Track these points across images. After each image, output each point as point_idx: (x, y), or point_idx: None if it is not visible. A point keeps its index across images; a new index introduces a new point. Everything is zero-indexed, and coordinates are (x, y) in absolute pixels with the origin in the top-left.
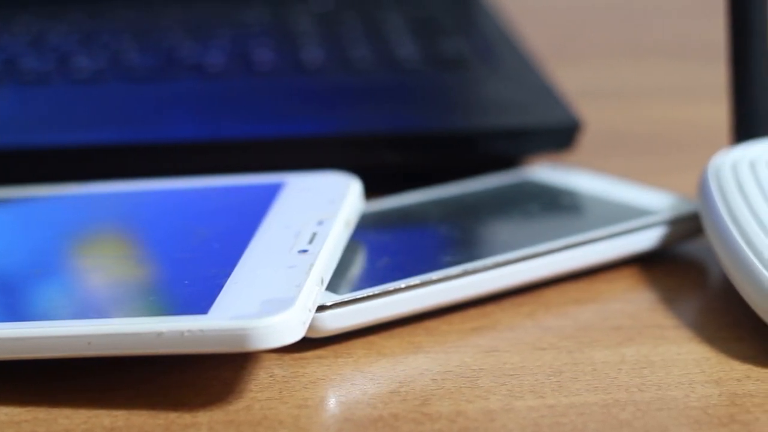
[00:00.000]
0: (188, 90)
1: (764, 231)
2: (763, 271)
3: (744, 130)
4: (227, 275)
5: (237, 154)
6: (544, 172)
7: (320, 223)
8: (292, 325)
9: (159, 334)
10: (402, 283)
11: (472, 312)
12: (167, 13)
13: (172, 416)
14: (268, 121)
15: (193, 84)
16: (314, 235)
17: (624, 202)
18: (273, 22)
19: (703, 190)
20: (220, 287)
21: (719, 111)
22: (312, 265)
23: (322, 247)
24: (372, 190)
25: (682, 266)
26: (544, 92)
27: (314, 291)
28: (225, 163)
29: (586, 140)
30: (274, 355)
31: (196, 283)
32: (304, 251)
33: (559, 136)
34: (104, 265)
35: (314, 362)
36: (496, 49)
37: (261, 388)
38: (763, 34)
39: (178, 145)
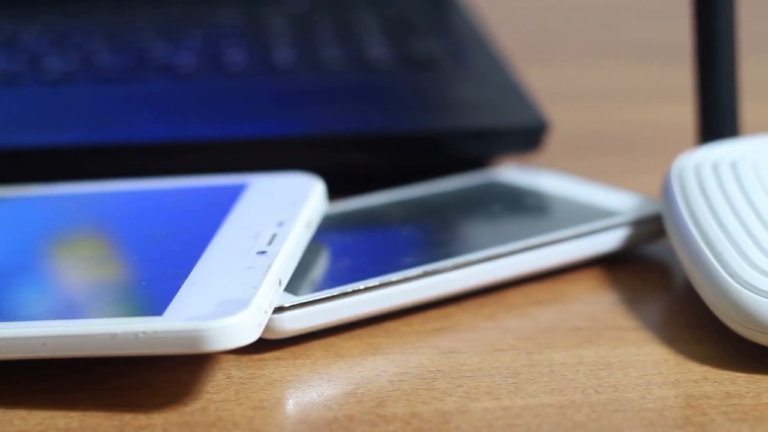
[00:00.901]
0: (158, 91)
1: (725, 233)
2: (722, 273)
3: (709, 131)
4: (185, 277)
5: (204, 155)
6: (510, 173)
7: (280, 224)
8: (247, 327)
9: (113, 336)
10: (361, 285)
11: (433, 313)
12: (141, 14)
13: (127, 417)
14: (235, 122)
15: (163, 85)
16: (274, 236)
17: (589, 203)
18: (246, 23)
19: (665, 191)
20: (177, 289)
21: (689, 112)
22: (270, 266)
23: (280, 248)
24: (341, 191)
25: (646, 267)
26: (513, 93)
27: (271, 292)
28: (192, 164)
29: (556, 141)
30: (232, 357)
31: (153, 285)
32: (263, 252)
33: (527, 137)
34: (63, 267)
35: (272, 364)
36: (468, 49)
37: (217, 389)
38: (730, 35)
39: (146, 146)
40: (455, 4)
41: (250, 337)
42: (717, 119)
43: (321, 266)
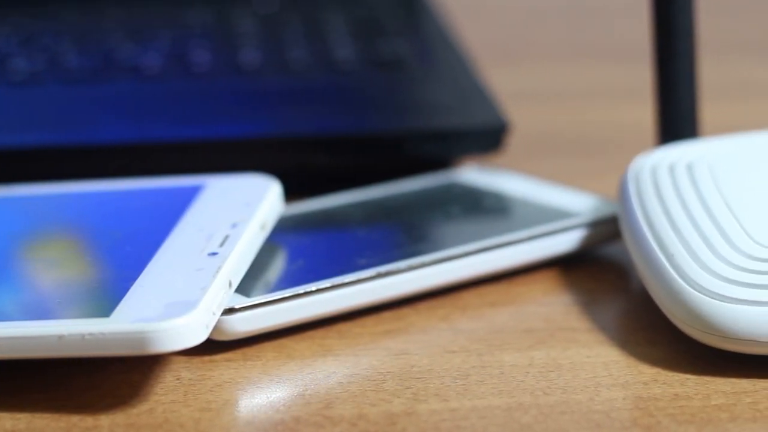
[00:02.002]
0: (123, 92)
1: (677, 235)
2: (674, 274)
3: (668, 132)
4: (135, 278)
5: (165, 156)
6: (470, 174)
7: (234, 225)
8: (194, 328)
9: (60, 338)
10: (313, 286)
11: (387, 315)
12: (110, 15)
13: (75, 419)
14: (198, 123)
15: (129, 86)
16: (226, 237)
17: (547, 204)
18: (215, 23)
19: (621, 193)
20: (126, 290)
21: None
22: (220, 268)
23: (232, 250)
24: (304, 192)
25: (603, 269)
26: (476, 94)
27: (220, 294)
28: (154, 165)
29: (520, 142)
30: (182, 358)
31: (103, 287)
32: (214, 254)
33: (487, 137)
34: (14, 268)
35: (222, 365)
36: (435, 51)
37: (166, 390)
38: (689, 36)
39: (109, 147)
40: (426, 6)
41: (198, 339)
42: (676, 120)
43: (276, 267)
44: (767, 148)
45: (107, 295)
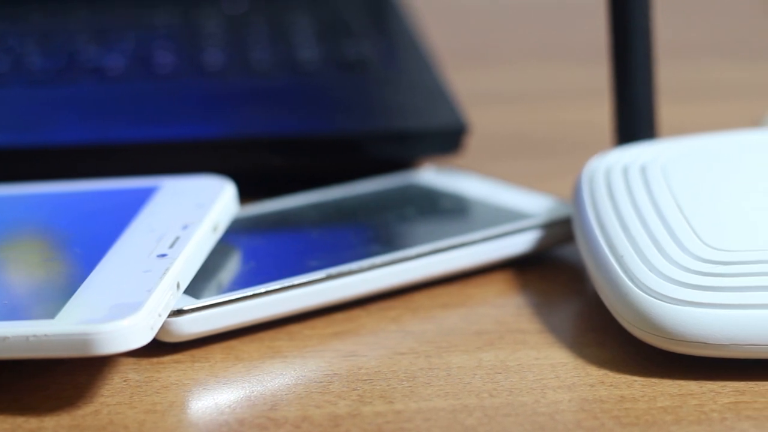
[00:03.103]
0: (86, 93)
1: (627, 236)
2: (622, 276)
3: (625, 133)
4: (83, 280)
5: (123, 158)
6: (428, 175)
7: (185, 227)
8: (139, 330)
9: (4, 339)
10: (261, 288)
11: (339, 316)
12: (76, 17)
13: (19, 421)
14: (157, 124)
15: (91, 87)
16: (176, 239)
17: (503, 205)
18: (181, 24)
19: (575, 194)
20: (73, 291)
21: None
22: (167, 269)
23: (181, 251)
24: (266, 193)
25: (558, 271)
26: (437, 96)
27: (167, 296)
28: (112, 166)
29: (481, 143)
30: (131, 360)
31: (51, 288)
32: (163, 255)
33: (446, 139)
34: None
35: (170, 367)
36: (400, 52)
37: (113, 392)
38: (645, 38)
39: (66, 148)
40: (394, 8)
41: (142, 341)
42: (633, 121)
43: (228, 269)
44: (721, 150)
45: (54, 297)
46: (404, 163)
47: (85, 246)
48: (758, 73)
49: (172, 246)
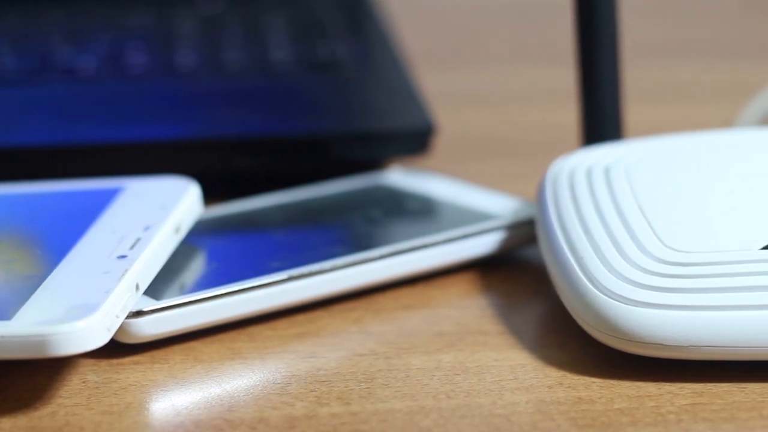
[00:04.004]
0: (57, 94)
1: (588, 238)
2: (582, 277)
3: (591, 134)
4: (42, 281)
5: (90, 158)
6: (395, 176)
7: (147, 228)
8: (96, 331)
9: None
10: (221, 290)
11: (300, 317)
12: (52, 18)
13: None
14: (126, 125)
15: (63, 88)
16: (137, 240)
17: (468, 206)
18: (156, 25)
19: (539, 195)
20: (32, 293)
21: None
22: (126, 270)
23: (141, 252)
24: (235, 194)
25: (522, 272)
26: (406, 96)
27: (125, 297)
28: (79, 167)
29: (450, 144)
30: (90, 361)
31: (9, 289)
32: (123, 257)
33: (413, 140)
34: None
35: (129, 368)
36: (372, 53)
37: (71, 393)
38: (612, 38)
39: (33, 149)
40: (369, 9)
41: (98, 342)
42: (599, 122)
43: (191, 270)
44: (685, 151)
45: (13, 298)
46: (372, 163)
47: (46, 247)
48: (735, 74)
49: (132, 247)
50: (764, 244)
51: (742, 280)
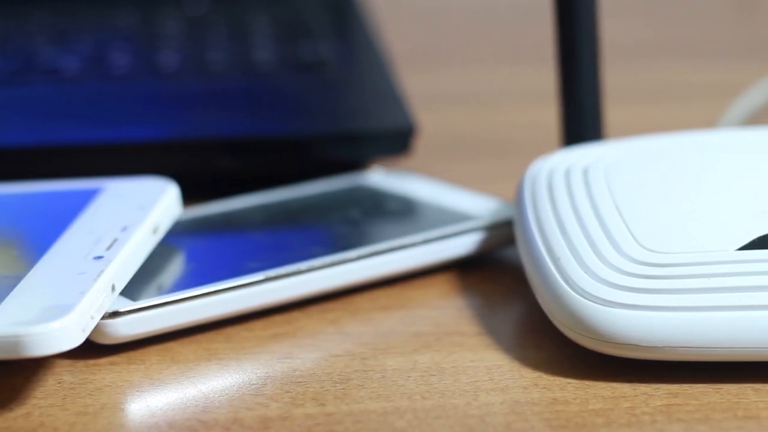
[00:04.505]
0: (39, 94)
1: (565, 239)
2: (558, 278)
3: (571, 134)
4: (18, 281)
5: (72, 159)
6: (376, 176)
7: (124, 229)
8: (70, 332)
9: None
10: (197, 290)
11: (278, 318)
12: (36, 18)
13: None
14: (108, 126)
15: (46, 88)
16: (114, 241)
17: (448, 207)
18: (141, 26)
19: (517, 196)
20: (7, 294)
21: None
22: (102, 271)
23: (118, 253)
24: (216, 195)
25: (500, 272)
26: (388, 97)
27: (100, 298)
28: (60, 168)
29: (434, 144)
30: (66, 362)
31: None
32: (100, 258)
33: (394, 140)
34: None
35: (105, 369)
36: (356, 53)
37: (46, 394)
38: (592, 38)
39: (14, 149)
40: (354, 9)
41: (73, 343)
42: (579, 123)
43: (168, 271)
44: (664, 151)
45: None
46: (354, 164)
47: (23, 248)
48: (720, 74)
49: (109, 248)
50: (741, 245)
51: (717, 281)
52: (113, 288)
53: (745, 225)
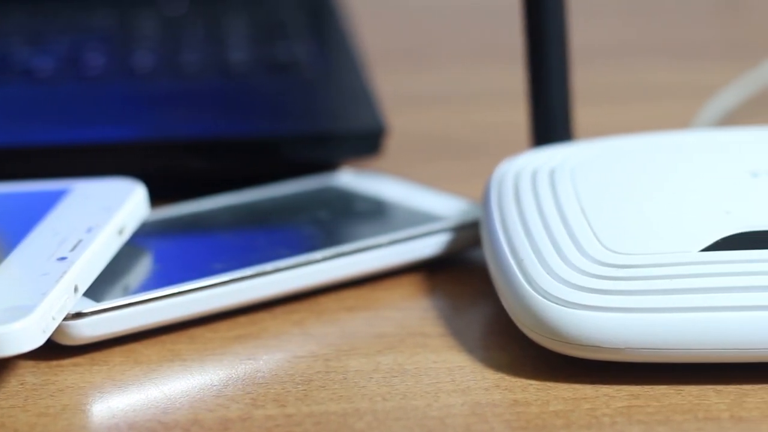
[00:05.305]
0: (12, 95)
1: (529, 240)
2: (521, 279)
3: (540, 135)
4: None
5: (43, 160)
6: (346, 177)
7: (89, 230)
8: (31, 333)
9: None
10: (161, 291)
11: (243, 319)
12: (13, 19)
13: None
14: (79, 127)
15: (18, 89)
16: (79, 242)
17: (416, 208)
18: (118, 26)
19: (484, 197)
20: None
21: None
22: (65, 272)
23: (81, 254)
24: (186, 196)
25: (468, 274)
26: (360, 98)
27: (62, 299)
28: (31, 169)
29: (406, 145)
30: (30, 363)
31: None
32: (63, 259)
33: (364, 141)
34: None
35: (68, 370)
36: (331, 54)
37: (8, 395)
38: (560, 39)
39: None
40: (332, 9)
41: (34, 344)
42: (548, 123)
43: (134, 272)
44: (632, 152)
45: None
46: (324, 165)
47: None
48: (697, 75)
49: (73, 249)
50: (704, 246)
51: (680, 283)
52: (76, 289)
53: (709, 226)
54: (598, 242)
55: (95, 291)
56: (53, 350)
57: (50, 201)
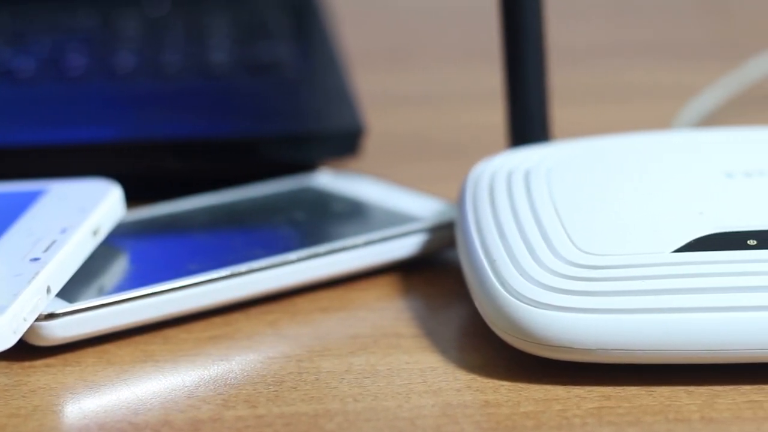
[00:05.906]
0: None
1: (503, 241)
2: (493, 280)
3: (517, 135)
4: None
5: (21, 161)
6: (325, 178)
7: (63, 230)
8: (1, 334)
9: None
10: (134, 292)
11: (217, 320)
12: None
13: None
14: (59, 127)
15: (0, 89)
16: (53, 242)
17: (393, 209)
18: (100, 27)
19: (459, 198)
20: None
21: None
22: (37, 273)
23: (54, 255)
24: (164, 197)
25: (444, 275)
26: (339, 98)
27: (34, 300)
28: (9, 170)
29: (385, 146)
30: (2, 363)
31: None
32: (36, 259)
33: (342, 141)
34: None
35: (41, 371)
36: (313, 54)
37: None
38: (537, 39)
39: None
40: (315, 9)
41: (4, 345)
42: (525, 124)
43: (109, 273)
44: (607, 153)
45: None
46: (302, 165)
47: None
48: (679, 75)
49: (46, 250)
50: (677, 247)
51: (652, 284)
52: (49, 290)
53: (682, 227)
54: (571, 243)
55: (69, 292)
56: (26, 351)
57: (26, 202)
